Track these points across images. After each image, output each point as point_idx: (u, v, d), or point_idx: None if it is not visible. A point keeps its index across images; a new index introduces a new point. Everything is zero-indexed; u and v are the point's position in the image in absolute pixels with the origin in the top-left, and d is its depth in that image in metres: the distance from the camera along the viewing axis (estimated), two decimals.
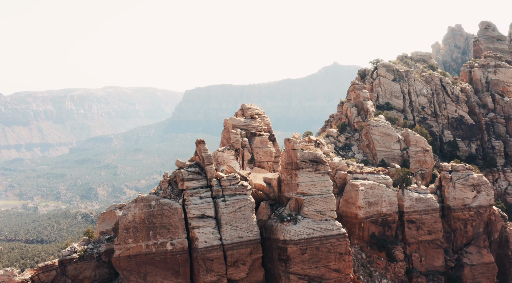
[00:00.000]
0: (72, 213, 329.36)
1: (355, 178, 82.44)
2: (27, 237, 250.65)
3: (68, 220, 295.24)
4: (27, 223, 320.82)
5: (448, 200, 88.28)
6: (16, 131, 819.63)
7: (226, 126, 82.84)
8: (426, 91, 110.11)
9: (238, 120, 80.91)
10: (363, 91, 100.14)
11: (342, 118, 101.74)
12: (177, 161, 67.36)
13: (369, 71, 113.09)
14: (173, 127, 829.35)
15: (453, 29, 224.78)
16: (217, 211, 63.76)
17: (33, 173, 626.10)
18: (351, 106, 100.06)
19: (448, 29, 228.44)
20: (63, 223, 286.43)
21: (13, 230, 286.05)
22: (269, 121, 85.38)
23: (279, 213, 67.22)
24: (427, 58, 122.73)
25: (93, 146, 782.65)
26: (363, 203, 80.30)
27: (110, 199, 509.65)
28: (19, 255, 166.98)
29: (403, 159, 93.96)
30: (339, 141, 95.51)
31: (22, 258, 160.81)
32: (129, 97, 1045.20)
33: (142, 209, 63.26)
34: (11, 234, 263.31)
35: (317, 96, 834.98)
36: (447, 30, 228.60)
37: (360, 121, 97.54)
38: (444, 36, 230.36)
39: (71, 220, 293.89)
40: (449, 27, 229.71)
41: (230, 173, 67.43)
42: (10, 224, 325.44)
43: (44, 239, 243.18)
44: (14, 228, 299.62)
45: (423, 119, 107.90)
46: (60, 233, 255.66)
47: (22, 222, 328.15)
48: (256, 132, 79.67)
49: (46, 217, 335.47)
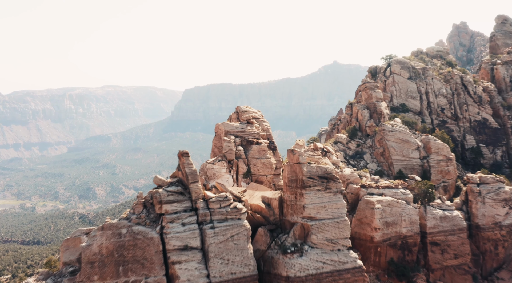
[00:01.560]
0: (69, 213, 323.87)
1: (370, 193, 69.06)
2: (23, 238, 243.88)
3: (65, 220, 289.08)
4: (24, 223, 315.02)
5: (477, 218, 75.00)
6: (15, 130, 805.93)
7: (217, 133, 69.40)
8: (446, 91, 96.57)
9: (232, 125, 67.38)
10: (376, 91, 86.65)
11: (352, 121, 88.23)
12: (155, 177, 54.02)
13: (381, 68, 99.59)
14: (172, 126, 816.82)
15: (458, 27, 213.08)
16: (204, 241, 50.46)
17: (31, 172, 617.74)
18: (362, 108, 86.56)
19: (452, 27, 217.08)
20: (60, 223, 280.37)
21: (10, 230, 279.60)
22: (269, 126, 71.93)
23: (280, 241, 53.84)
24: (444, 54, 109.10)
25: (92, 145, 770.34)
26: (380, 223, 66.96)
27: (109, 198, 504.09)
28: (13, 259, 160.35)
29: (423, 169, 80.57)
30: (349, 149, 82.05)
31: (15, 261, 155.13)
32: (128, 96, 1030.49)
33: (110, 238, 49.95)
34: (7, 235, 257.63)
35: (317, 95, 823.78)
36: (452, 28, 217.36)
37: (373, 125, 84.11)
38: (448, 33, 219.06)
39: (68, 221, 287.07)
40: (453, 25, 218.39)
41: (221, 192, 54.08)
42: (7, 225, 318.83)
43: (40, 240, 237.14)
44: (10, 228, 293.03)
45: (442, 123, 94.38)
46: (57, 234, 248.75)
47: (19, 223, 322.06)
48: (253, 140, 66.16)
49: (43, 217, 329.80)
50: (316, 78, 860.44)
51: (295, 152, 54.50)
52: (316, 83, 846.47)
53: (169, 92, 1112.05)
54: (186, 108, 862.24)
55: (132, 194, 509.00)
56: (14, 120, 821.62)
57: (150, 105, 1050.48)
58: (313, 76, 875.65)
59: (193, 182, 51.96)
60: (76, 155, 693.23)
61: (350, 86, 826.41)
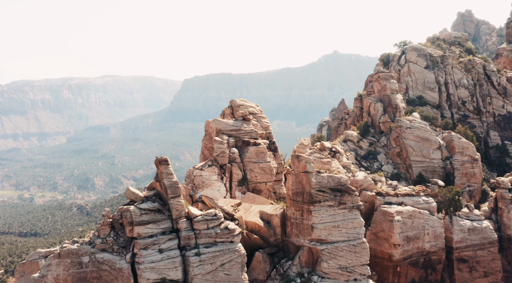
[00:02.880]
0: (67, 204, 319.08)
1: (388, 202, 57.98)
2: (21, 229, 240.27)
3: (63, 212, 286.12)
4: (22, 214, 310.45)
5: (509, 229, 63.96)
6: (13, 120, 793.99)
7: (208, 131, 58.11)
8: (467, 82, 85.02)
9: (224, 122, 56.02)
10: (390, 81, 75.08)
11: (364, 116, 76.77)
12: (127, 190, 42.84)
13: (394, 56, 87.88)
14: (172, 117, 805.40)
15: (463, 15, 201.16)
16: (187, 272, 39.52)
17: (30, 163, 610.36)
18: (375, 101, 75.03)
19: (457, 15, 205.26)
20: (58, 215, 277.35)
21: (7, 222, 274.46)
22: (268, 123, 60.57)
23: (283, 270, 42.85)
24: (463, 40, 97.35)
25: (91, 135, 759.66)
26: (400, 239, 56.02)
27: (107, 189, 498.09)
28: (7, 252, 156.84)
29: (445, 172, 69.45)
30: (361, 148, 70.74)
31: (10, 255, 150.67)
32: (127, 86, 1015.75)
33: (68, 268, 39.02)
34: (4, 227, 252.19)
35: (317, 85, 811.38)
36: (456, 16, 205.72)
37: (387, 121, 72.69)
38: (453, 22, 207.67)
39: (66, 212, 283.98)
40: (458, 13, 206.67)
41: (209, 208, 43.00)
42: (5, 216, 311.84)
43: (38, 231, 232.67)
44: (8, 220, 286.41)
45: (463, 117, 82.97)
46: (55, 226, 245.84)
47: (16, 214, 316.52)
48: (250, 140, 54.92)
49: (41, 208, 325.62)
50: (316, 68, 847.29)
51: (301, 159, 43.27)
52: (316, 72, 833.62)
53: (168, 82, 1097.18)
54: (185, 98, 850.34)
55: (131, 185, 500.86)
56: (13, 110, 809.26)
57: (149, 95, 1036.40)
58: (313, 65, 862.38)
59: (173, 197, 40.82)
60: (75, 146, 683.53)
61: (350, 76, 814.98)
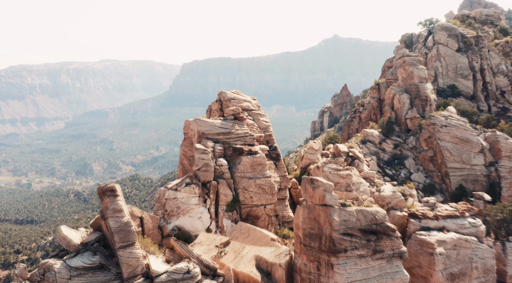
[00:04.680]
0: (65, 191, 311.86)
1: (425, 227, 43.37)
2: (17, 216, 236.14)
3: (60, 198, 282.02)
4: (19, 201, 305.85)
5: None
6: (11, 105, 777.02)
7: (187, 135, 43.06)
8: (506, 68, 69.72)
9: (209, 123, 40.91)
10: (418, 67, 59.77)
11: (386, 111, 61.46)
12: (57, 233, 28.12)
13: (419, 36, 72.30)
14: (170, 101, 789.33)
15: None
16: None
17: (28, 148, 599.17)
18: (400, 92, 59.77)
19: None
20: (54, 202, 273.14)
21: (4, 208, 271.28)
22: (268, 123, 45.41)
23: None
24: (496, 19, 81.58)
25: (89, 120, 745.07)
26: (443, 277, 41.61)
27: (106, 175, 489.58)
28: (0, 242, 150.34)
29: (489, 181, 54.68)
30: (383, 151, 55.85)
31: (2, 245, 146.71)
32: (126, 70, 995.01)
33: None
34: (1, 214, 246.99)
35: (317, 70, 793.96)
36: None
37: (416, 117, 57.62)
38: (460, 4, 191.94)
39: (63, 199, 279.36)
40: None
41: (180, 259, 28.34)
42: (2, 202, 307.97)
43: (34, 219, 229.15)
44: (4, 206, 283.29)
45: (502, 110, 67.77)
46: (51, 213, 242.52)
47: (13, 200, 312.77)
48: (244, 147, 40.02)
49: (38, 195, 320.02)
50: (316, 52, 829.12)
51: (318, 184, 28.46)
52: (316, 57, 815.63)
53: (167, 67, 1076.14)
54: (184, 82, 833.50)
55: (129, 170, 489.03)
56: (11, 95, 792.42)
57: (148, 80, 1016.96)
58: (313, 50, 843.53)
59: (123, 247, 26.19)
60: (74, 131, 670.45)
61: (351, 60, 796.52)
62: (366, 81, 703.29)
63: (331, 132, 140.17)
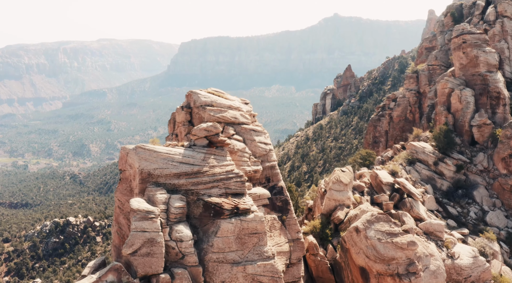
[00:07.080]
0: (60, 173, 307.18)
1: None
2: (11, 200, 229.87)
3: (55, 181, 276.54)
4: (14, 183, 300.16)
5: None
6: (8, 85, 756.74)
7: (125, 174, 22.93)
8: None
9: (162, 156, 20.29)
10: (485, 50, 41.89)
11: (439, 115, 43.15)
12: None
13: (474, 7, 54.24)
14: (169, 81, 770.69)
15: None
16: None
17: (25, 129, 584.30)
18: (461, 87, 41.98)
19: None
20: (50, 184, 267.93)
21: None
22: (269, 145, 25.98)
23: None
24: None
25: (87, 100, 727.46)
26: None
27: (103, 156, 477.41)
28: None
29: None
30: (440, 176, 37.81)
31: None
32: (124, 49, 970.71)
33: None
34: None
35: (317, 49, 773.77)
36: None
37: (486, 124, 39.96)
38: None
39: (59, 181, 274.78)
40: None
41: None
42: None
43: (29, 202, 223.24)
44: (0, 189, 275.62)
45: None
46: (46, 196, 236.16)
47: (9, 183, 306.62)
48: (223, 203, 19.94)
49: (34, 177, 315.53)
50: (316, 31, 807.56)
51: None
52: (316, 36, 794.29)
53: (165, 46, 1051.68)
54: (182, 62, 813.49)
55: None
56: (7, 74, 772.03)
57: (146, 59, 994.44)
58: (313, 29, 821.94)
59: None
60: (71, 111, 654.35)
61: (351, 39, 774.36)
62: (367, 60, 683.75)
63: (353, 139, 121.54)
